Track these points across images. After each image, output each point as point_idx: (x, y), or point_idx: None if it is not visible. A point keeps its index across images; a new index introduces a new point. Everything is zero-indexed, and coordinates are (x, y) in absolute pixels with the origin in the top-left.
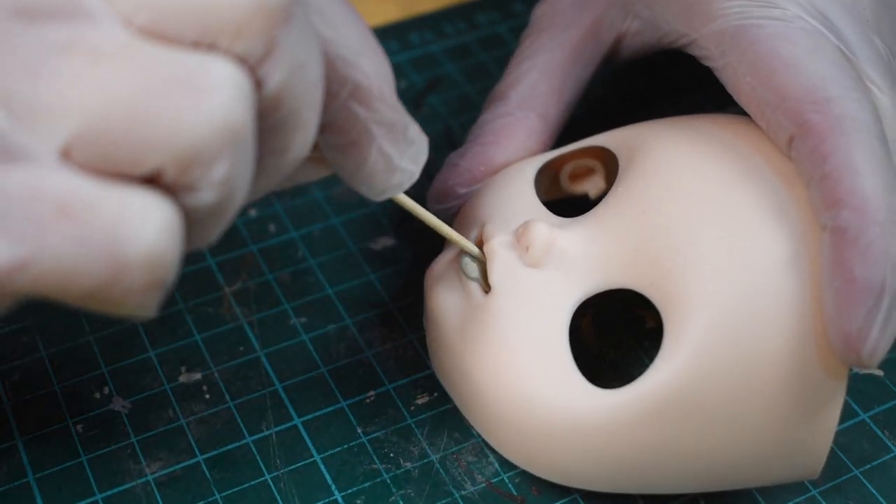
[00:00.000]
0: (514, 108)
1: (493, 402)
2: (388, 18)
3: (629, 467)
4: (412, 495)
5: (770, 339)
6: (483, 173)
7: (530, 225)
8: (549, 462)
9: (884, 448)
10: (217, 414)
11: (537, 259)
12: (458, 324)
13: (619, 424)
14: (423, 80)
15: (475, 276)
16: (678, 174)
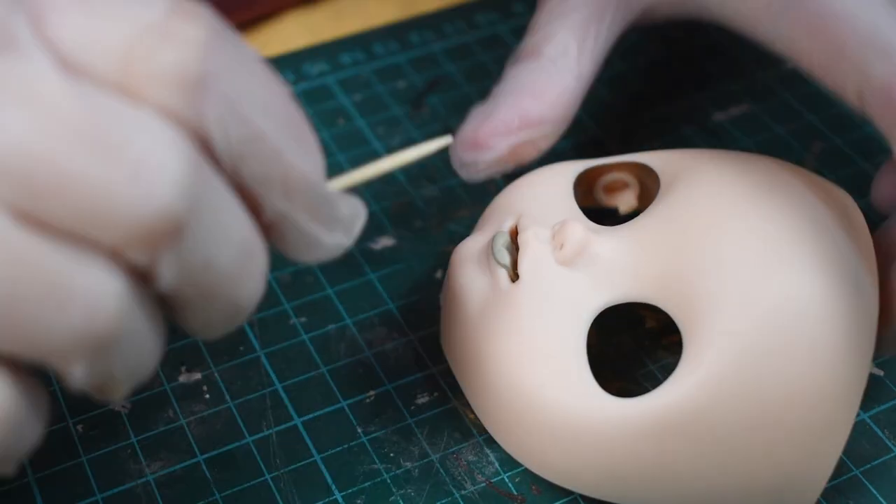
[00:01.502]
0: (547, 62)
1: (501, 391)
2: (388, 18)
3: (626, 478)
4: (412, 495)
5: (787, 376)
6: (517, 126)
7: (567, 224)
8: (546, 461)
9: (884, 448)
10: (217, 414)
11: (569, 258)
12: (479, 306)
13: (624, 435)
14: (423, 80)
15: (505, 263)
16: (719, 202)
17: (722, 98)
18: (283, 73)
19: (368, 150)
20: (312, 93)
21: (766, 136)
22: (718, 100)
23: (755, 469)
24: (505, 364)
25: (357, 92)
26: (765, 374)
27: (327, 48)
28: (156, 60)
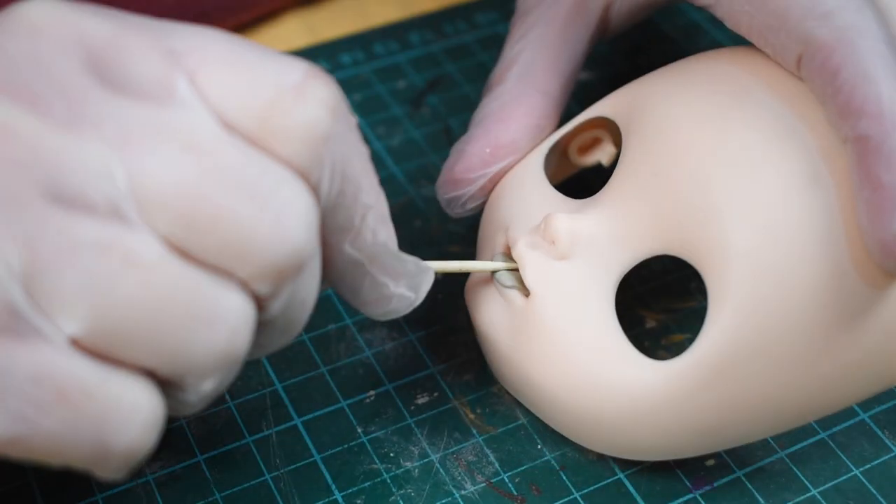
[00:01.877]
0: (511, 87)
1: (562, 398)
2: (388, 18)
3: (705, 429)
4: (412, 495)
5: (809, 265)
6: (490, 155)
7: (550, 219)
8: (628, 441)
9: (884, 448)
10: (217, 414)
11: (565, 251)
12: (507, 334)
13: (687, 390)
14: (423, 80)
15: (511, 285)
16: (678, 128)
17: None
18: None
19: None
20: None
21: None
22: None
23: (824, 360)
24: (552, 373)
25: (357, 92)
26: (789, 270)
27: (327, 48)
28: (292, 118)
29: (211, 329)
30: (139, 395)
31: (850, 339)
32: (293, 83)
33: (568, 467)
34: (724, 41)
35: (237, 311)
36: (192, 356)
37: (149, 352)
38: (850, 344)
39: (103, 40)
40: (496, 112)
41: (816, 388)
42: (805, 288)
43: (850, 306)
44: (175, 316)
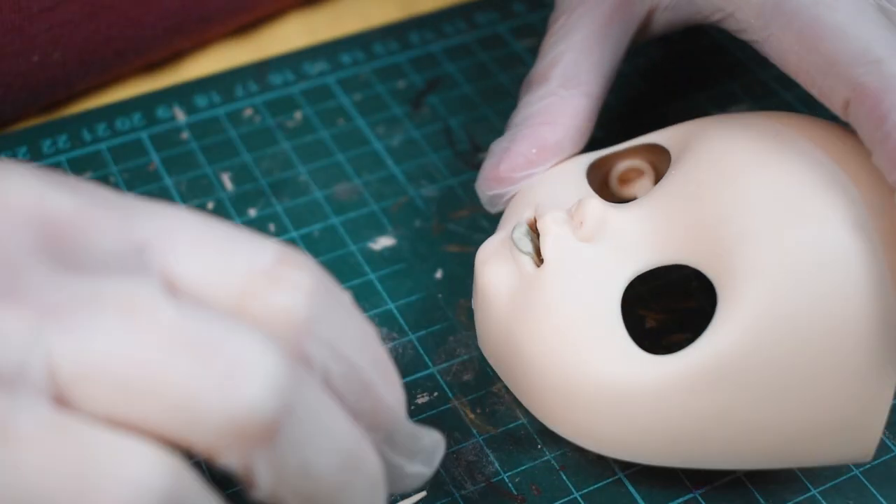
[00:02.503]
0: (557, 87)
1: (545, 373)
2: (388, 18)
3: (679, 437)
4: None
5: (825, 314)
6: (536, 156)
7: (584, 201)
8: (599, 432)
9: (884, 448)
10: None
11: (590, 234)
12: (508, 297)
13: (672, 391)
14: (423, 80)
15: (528, 250)
16: (730, 160)
17: (722, 98)
18: (283, 73)
19: (368, 150)
20: (312, 93)
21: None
22: (718, 100)
23: (811, 409)
24: (542, 345)
25: (357, 92)
26: (805, 309)
27: (327, 48)
28: (266, 303)
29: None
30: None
31: (843, 392)
32: (264, 267)
33: (568, 467)
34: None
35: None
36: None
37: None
38: (841, 398)
39: (67, 217)
40: (542, 112)
41: (795, 430)
42: (818, 327)
43: (856, 362)
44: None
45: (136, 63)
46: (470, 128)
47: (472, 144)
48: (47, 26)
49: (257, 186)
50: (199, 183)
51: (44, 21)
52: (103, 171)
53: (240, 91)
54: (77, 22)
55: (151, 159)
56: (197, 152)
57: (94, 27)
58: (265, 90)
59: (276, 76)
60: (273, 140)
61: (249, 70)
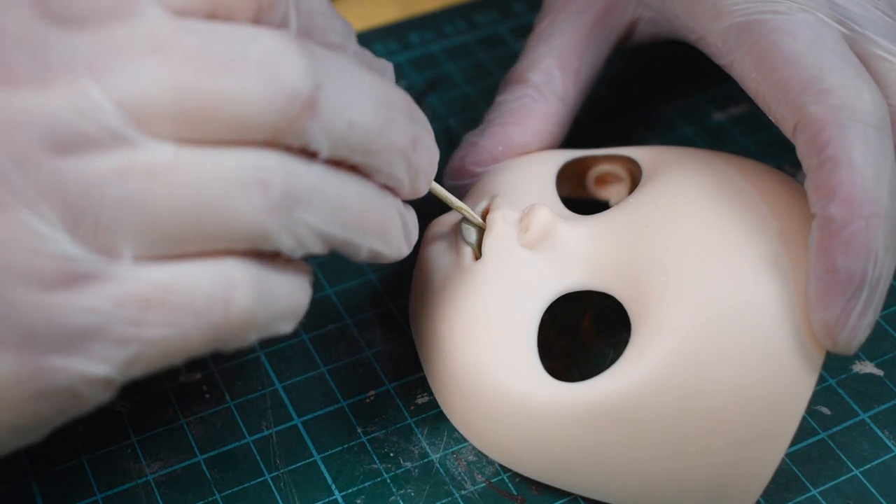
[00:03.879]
0: (532, 90)
1: (451, 367)
2: (388, 18)
3: (563, 462)
4: (412, 495)
5: (730, 377)
6: (502, 154)
7: (535, 208)
8: (488, 439)
9: (884, 448)
10: (217, 414)
11: (533, 241)
12: (441, 282)
13: (560, 417)
14: (423, 80)
15: (471, 242)
16: (681, 202)
17: (722, 98)
18: None
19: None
20: None
21: (765, 136)
22: (718, 100)
23: (689, 465)
24: (456, 340)
25: None
26: (707, 373)
27: None
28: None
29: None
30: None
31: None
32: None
33: None
34: None
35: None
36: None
37: (206, 239)
38: (727, 458)
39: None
40: (514, 112)
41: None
42: (716, 392)
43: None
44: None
45: None
46: (470, 128)
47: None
48: None
49: None
50: None
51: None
52: None
53: None
54: None
55: None
56: None
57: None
58: None
59: None
60: None
61: None
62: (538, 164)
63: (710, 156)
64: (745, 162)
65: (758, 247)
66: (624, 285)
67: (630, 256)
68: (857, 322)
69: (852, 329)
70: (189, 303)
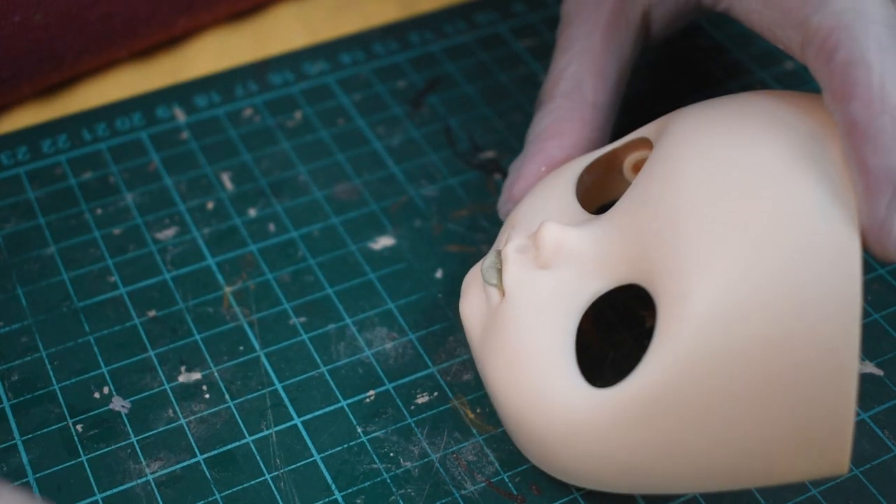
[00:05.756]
0: (561, 102)
1: (506, 405)
2: (388, 18)
3: (628, 467)
4: (412, 495)
5: (771, 335)
6: (546, 173)
7: (542, 226)
8: (556, 463)
9: (884, 448)
10: (217, 414)
11: (546, 260)
12: (479, 330)
13: (614, 423)
14: (422, 80)
15: (493, 282)
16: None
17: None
18: (283, 73)
19: (368, 150)
20: (312, 93)
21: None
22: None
23: (764, 430)
24: (502, 378)
25: (357, 92)
26: (747, 335)
27: (327, 48)
28: None
29: None
30: None
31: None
32: None
33: None
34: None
35: None
36: None
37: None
38: (794, 415)
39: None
40: (548, 129)
41: (750, 452)
42: (760, 348)
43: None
44: None
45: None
46: (470, 128)
47: (472, 144)
48: None
49: (257, 186)
50: (199, 183)
51: None
52: (103, 171)
53: (240, 91)
54: None
55: (151, 159)
56: (197, 152)
57: None
58: (265, 90)
59: (276, 76)
60: (273, 140)
61: (249, 70)
62: (553, 180)
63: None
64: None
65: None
66: (643, 272)
67: (642, 241)
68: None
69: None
70: None
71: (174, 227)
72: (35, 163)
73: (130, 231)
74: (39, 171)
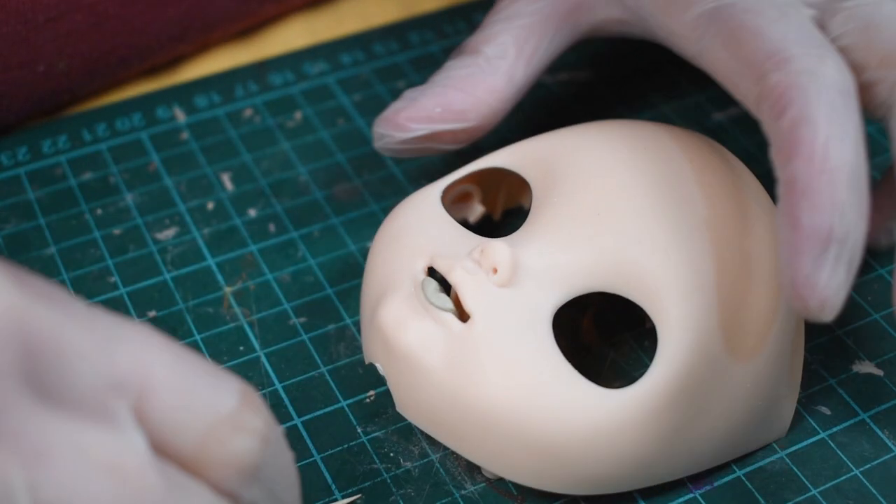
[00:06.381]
0: (482, 60)
1: (503, 428)
2: (388, 18)
3: (639, 461)
4: (412, 495)
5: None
6: (439, 116)
7: (490, 247)
8: (572, 473)
9: (884, 448)
10: None
11: (507, 278)
12: (440, 357)
13: (635, 418)
14: (422, 80)
15: (449, 307)
16: (613, 173)
17: (722, 98)
18: (283, 73)
19: (368, 150)
20: (312, 93)
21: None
22: (718, 100)
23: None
24: (498, 401)
25: (357, 92)
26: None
27: (327, 48)
28: (227, 448)
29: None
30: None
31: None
32: (229, 411)
33: None
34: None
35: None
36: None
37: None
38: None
39: (46, 337)
40: (460, 79)
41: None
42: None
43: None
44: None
45: (138, 69)
46: None
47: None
48: (53, 36)
49: (257, 186)
50: (199, 183)
51: (49, 31)
52: (103, 171)
53: (240, 91)
54: (82, 32)
55: (151, 159)
56: (197, 152)
57: (98, 37)
58: (265, 90)
59: (276, 76)
60: (273, 140)
61: (249, 70)
62: (425, 204)
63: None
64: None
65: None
66: (609, 276)
67: (600, 250)
68: (828, 281)
69: (823, 287)
70: None
71: (174, 228)
72: (35, 163)
73: (130, 231)
74: (39, 172)
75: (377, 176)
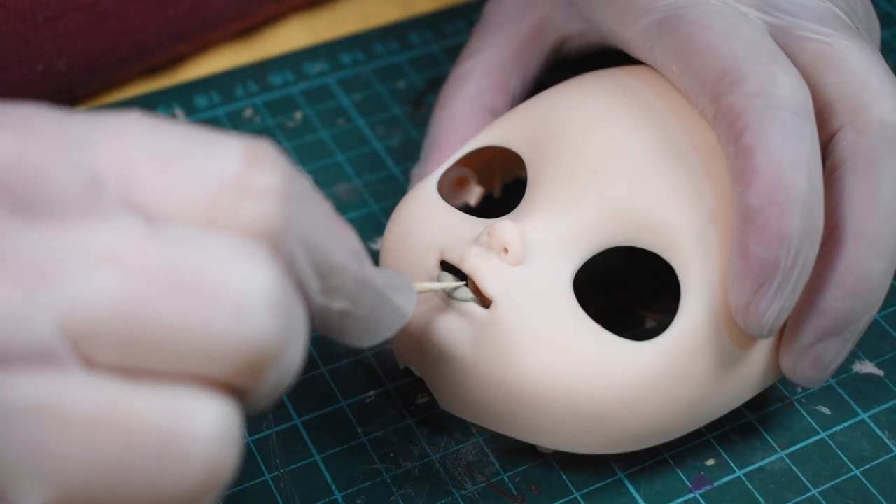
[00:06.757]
0: (461, 105)
1: (549, 400)
2: (388, 18)
3: (669, 411)
4: (412, 495)
5: None
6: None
7: (496, 227)
8: (626, 430)
9: (884, 448)
10: None
11: (519, 255)
12: (473, 348)
13: (677, 362)
14: (422, 80)
15: (469, 298)
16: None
17: None
18: (283, 73)
19: (368, 150)
20: (312, 93)
21: None
22: None
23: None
24: (540, 375)
25: (357, 92)
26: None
27: (327, 48)
28: (238, 216)
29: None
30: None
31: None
32: (232, 175)
33: (568, 467)
34: None
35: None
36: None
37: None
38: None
39: (11, 162)
40: (448, 131)
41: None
42: None
43: None
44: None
45: (138, 69)
46: None
47: None
48: (52, 35)
49: None
50: None
51: (49, 30)
52: None
53: (240, 91)
54: (82, 31)
55: None
56: None
57: (98, 36)
58: (265, 90)
59: (276, 76)
60: (273, 140)
61: (249, 70)
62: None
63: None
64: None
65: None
66: (624, 230)
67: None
68: (768, 308)
69: (763, 314)
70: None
71: None
72: None
73: None
74: None
75: (377, 176)
